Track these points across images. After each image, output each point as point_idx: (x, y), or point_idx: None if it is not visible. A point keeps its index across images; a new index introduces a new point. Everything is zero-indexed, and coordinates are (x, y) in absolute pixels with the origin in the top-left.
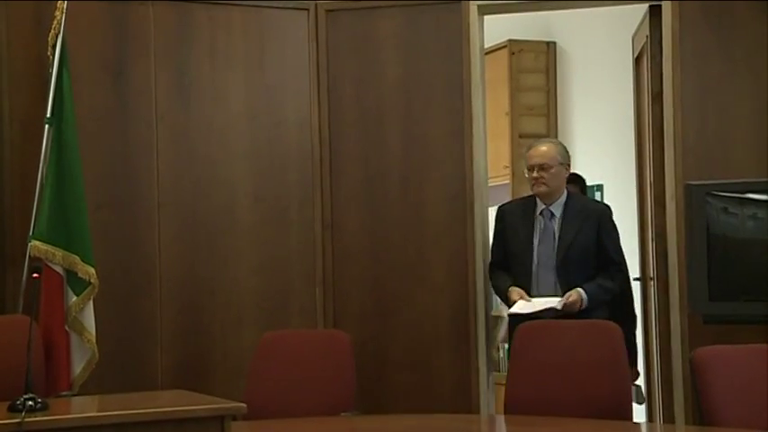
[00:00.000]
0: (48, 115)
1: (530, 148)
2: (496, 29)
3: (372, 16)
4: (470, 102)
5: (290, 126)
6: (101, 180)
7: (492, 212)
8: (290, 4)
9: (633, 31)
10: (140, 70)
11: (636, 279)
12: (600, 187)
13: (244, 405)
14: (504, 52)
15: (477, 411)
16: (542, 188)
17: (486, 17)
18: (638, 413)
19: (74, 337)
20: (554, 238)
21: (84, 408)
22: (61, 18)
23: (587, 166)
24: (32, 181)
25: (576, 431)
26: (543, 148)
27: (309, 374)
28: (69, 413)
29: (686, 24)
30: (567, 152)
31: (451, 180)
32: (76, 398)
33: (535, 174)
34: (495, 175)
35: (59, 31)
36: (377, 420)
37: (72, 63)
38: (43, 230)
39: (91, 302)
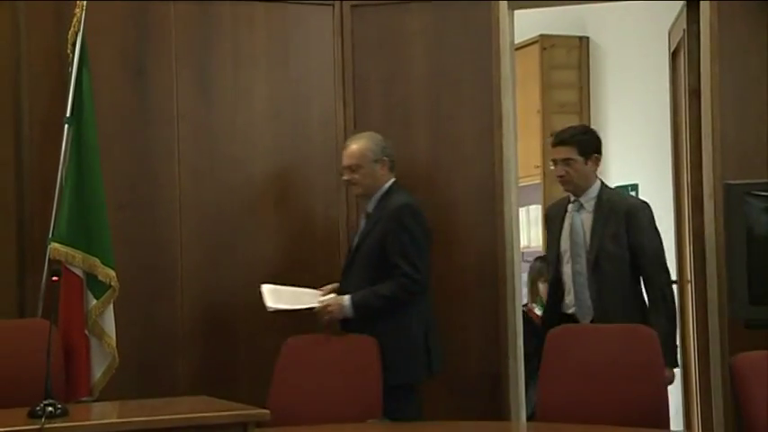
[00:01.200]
0: (67, 115)
1: (344, 146)
2: (527, 23)
3: (399, 11)
4: (500, 99)
5: (315, 124)
6: (121, 180)
7: (523, 213)
8: (315, 0)
9: (669, 26)
10: (161, 68)
11: (672, 282)
12: (635, 187)
13: (267, 411)
14: (536, 48)
15: (508, 418)
16: (357, 190)
17: (516, 11)
18: (676, 421)
19: (93, 342)
20: (362, 239)
21: (105, 414)
22: (81, 16)
23: (621, 164)
24: (52, 182)
25: None
26: (353, 147)
27: (335, 380)
28: (89, 419)
29: (725, 18)
30: (383, 143)
31: (481, 180)
32: (96, 404)
33: (345, 176)
34: (525, 175)
35: (79, 30)
36: (404, 428)
37: (92, 61)
38: (63, 232)
39: (111, 306)
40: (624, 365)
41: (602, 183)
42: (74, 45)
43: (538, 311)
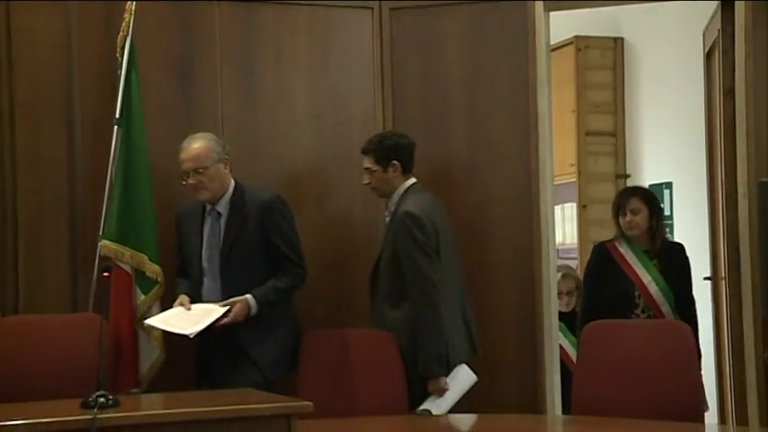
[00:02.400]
0: (116, 116)
1: (180, 150)
2: (562, 25)
3: (437, 14)
4: (536, 99)
5: (355, 124)
6: (168, 180)
7: (558, 211)
8: (355, 3)
9: (704, 26)
10: (206, 70)
11: (707, 278)
12: (669, 185)
13: (310, 404)
14: (571, 49)
15: (544, 411)
16: (205, 194)
17: (552, 13)
18: (710, 415)
19: (142, 336)
20: (219, 239)
21: (154, 405)
22: (130, 20)
23: (656, 163)
24: (103, 181)
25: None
26: (194, 146)
27: (359, 374)
28: (140, 410)
29: (760, 18)
30: (221, 143)
31: (517, 178)
32: (146, 395)
33: (191, 180)
34: (560, 174)
35: (128, 34)
36: (444, 420)
37: (140, 64)
38: (113, 230)
39: (158, 302)
40: (658, 360)
41: (407, 188)
42: (122, 49)
43: None
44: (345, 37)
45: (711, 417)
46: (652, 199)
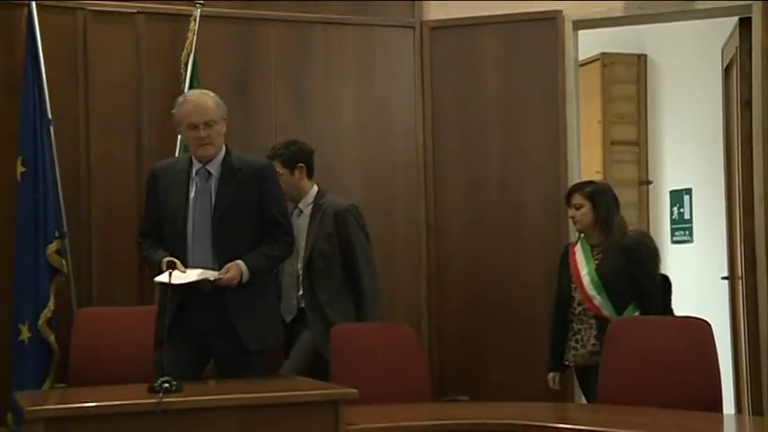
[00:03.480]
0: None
1: (183, 102)
2: (590, 43)
3: (473, 32)
4: (565, 111)
5: (397, 135)
6: None
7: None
8: (398, 22)
9: (723, 43)
10: (262, 85)
11: (724, 278)
12: (689, 191)
13: (356, 391)
14: (597, 65)
15: (572, 400)
16: (211, 150)
17: (580, 32)
18: (727, 406)
19: None
20: (210, 201)
21: (213, 391)
22: (193, 39)
23: (677, 170)
24: None
25: (668, 421)
26: (205, 100)
27: (385, 363)
28: (200, 395)
29: None
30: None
31: (547, 184)
32: (205, 382)
33: (202, 132)
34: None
35: (191, 51)
36: (477, 407)
37: (202, 80)
38: None
39: None
40: (680, 354)
41: (320, 189)
42: (186, 65)
43: None
44: (389, 54)
45: (728, 407)
46: (595, 194)
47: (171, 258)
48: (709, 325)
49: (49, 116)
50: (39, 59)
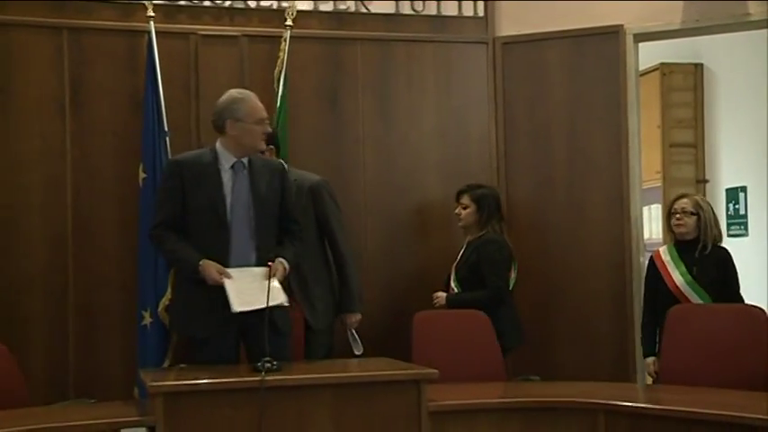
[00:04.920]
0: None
1: (246, 99)
2: (649, 53)
3: (541, 46)
4: (626, 118)
5: (473, 141)
6: None
7: (646, 212)
8: (473, 39)
9: None
10: (350, 97)
11: None
12: (744, 188)
13: (436, 371)
14: (657, 74)
15: (635, 380)
16: (264, 143)
17: (640, 44)
18: None
19: None
20: (248, 193)
21: (310, 370)
22: (283, 57)
23: (732, 170)
24: None
25: (725, 399)
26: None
27: (462, 346)
28: (299, 374)
29: None
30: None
31: (610, 184)
32: (302, 362)
33: (267, 127)
34: (648, 179)
35: (282, 68)
36: (546, 386)
37: (295, 93)
38: None
39: None
40: (736, 338)
41: (288, 167)
42: (278, 81)
43: None
44: (464, 68)
45: None
46: (481, 198)
47: (213, 263)
48: (764, 312)
49: (166, 128)
50: (157, 79)
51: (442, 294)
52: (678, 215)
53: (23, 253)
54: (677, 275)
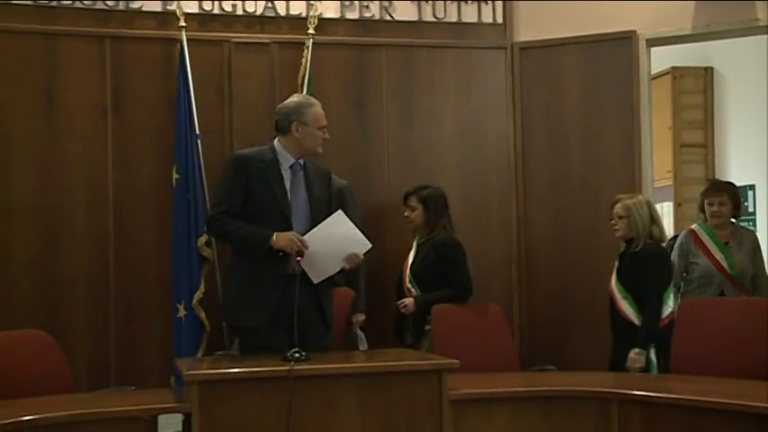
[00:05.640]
0: None
1: (314, 105)
2: (661, 58)
3: (557, 51)
4: (639, 120)
5: (491, 141)
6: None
7: (658, 209)
8: (492, 44)
9: None
10: (375, 101)
11: None
12: (752, 186)
13: (457, 361)
14: (668, 77)
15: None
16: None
17: (652, 49)
18: None
19: None
20: (305, 193)
21: (335, 360)
22: (306, 64)
23: (740, 169)
24: None
25: (735, 388)
26: None
27: (480, 338)
28: (325, 364)
29: None
30: None
31: (623, 183)
32: (330, 353)
33: (327, 134)
34: (660, 178)
35: (305, 74)
36: (561, 376)
37: (323, 97)
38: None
39: None
40: (744, 330)
41: None
42: (302, 85)
43: None
44: (484, 72)
45: None
46: (427, 198)
47: (284, 233)
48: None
49: (197, 131)
50: (189, 84)
51: (409, 300)
52: (613, 220)
53: (68, 249)
54: (613, 276)
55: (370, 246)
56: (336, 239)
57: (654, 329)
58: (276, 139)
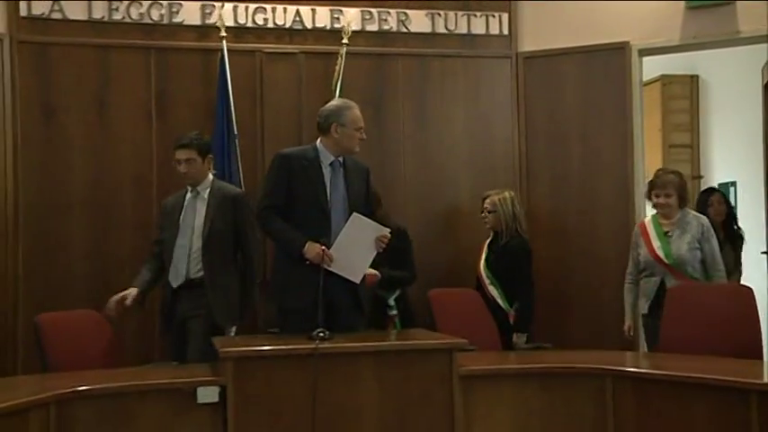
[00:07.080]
0: None
1: (353, 108)
2: (651, 66)
3: (558, 60)
4: (632, 122)
5: (498, 142)
6: None
7: (648, 204)
8: (498, 54)
9: (763, 64)
10: (392, 105)
11: (763, 252)
12: (734, 183)
13: (467, 341)
14: (658, 84)
15: (638, 349)
16: None
17: (644, 58)
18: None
19: None
20: (344, 190)
21: (356, 339)
22: (339, 71)
23: (724, 167)
24: None
25: (720, 366)
26: None
27: (474, 322)
28: (347, 342)
29: None
30: None
31: (618, 180)
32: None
33: (364, 134)
34: (650, 176)
35: (338, 80)
36: (559, 354)
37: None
38: None
39: None
40: (728, 313)
41: (214, 177)
42: (334, 91)
43: None
44: (491, 79)
45: None
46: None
47: (314, 244)
48: (752, 290)
49: (236, 131)
50: (227, 90)
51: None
52: (483, 213)
53: (117, 239)
54: (482, 262)
55: (388, 230)
56: (358, 237)
57: (530, 314)
58: (318, 139)
